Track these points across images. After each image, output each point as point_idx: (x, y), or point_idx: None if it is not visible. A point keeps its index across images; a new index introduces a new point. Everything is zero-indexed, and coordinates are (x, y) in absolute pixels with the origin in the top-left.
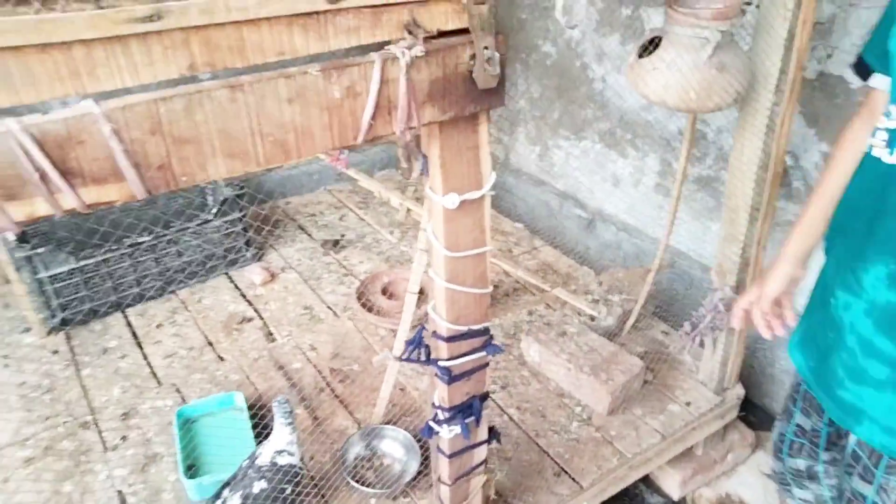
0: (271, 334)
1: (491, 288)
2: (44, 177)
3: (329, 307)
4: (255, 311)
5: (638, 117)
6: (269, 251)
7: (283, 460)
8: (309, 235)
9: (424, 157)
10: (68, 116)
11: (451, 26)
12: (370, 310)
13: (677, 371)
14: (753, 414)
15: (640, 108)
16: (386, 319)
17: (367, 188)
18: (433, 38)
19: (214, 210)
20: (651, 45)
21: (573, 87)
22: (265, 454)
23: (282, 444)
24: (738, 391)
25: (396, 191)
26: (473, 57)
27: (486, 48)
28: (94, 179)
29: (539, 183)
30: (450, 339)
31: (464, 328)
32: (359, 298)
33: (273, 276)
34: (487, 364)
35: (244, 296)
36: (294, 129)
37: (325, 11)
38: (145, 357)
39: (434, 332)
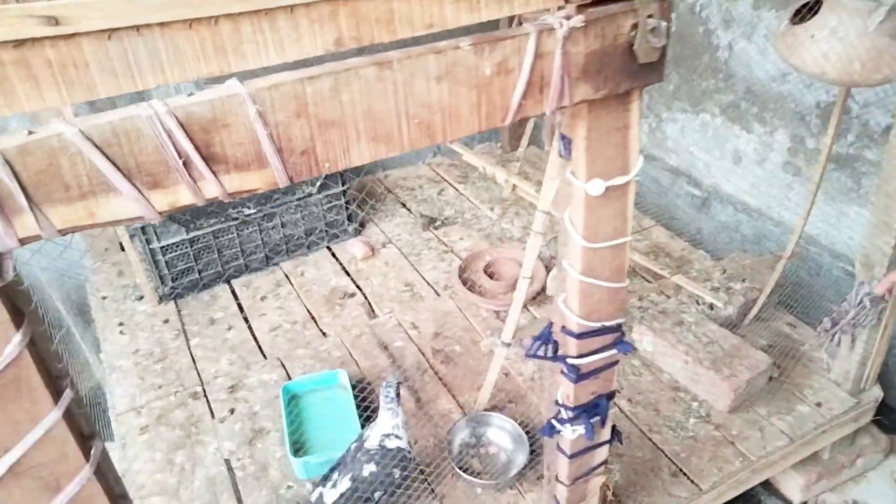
0: (373, 310)
1: (627, 282)
2: (187, 163)
3: (430, 284)
4: (357, 286)
5: (768, 89)
6: (369, 225)
7: (391, 444)
8: (408, 210)
9: (565, 137)
10: (214, 98)
11: None
12: (472, 289)
13: (806, 368)
14: (887, 416)
15: (771, 79)
16: (489, 300)
17: (466, 162)
18: (589, 5)
19: (318, 183)
20: (806, 10)
21: (694, 55)
22: (373, 437)
23: (388, 427)
24: (876, 393)
25: (499, 166)
26: (635, 27)
27: (650, 16)
28: (237, 166)
29: (649, 158)
30: (580, 336)
31: (596, 324)
32: (460, 277)
33: (374, 251)
34: (617, 362)
35: (345, 270)
36: (441, 110)
37: None
38: (251, 329)
39: (563, 328)
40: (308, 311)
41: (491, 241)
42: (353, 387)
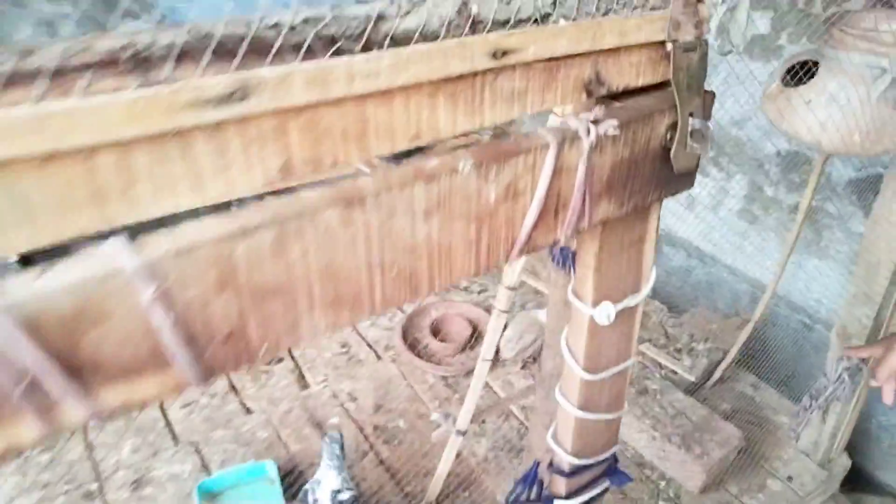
0: (304, 379)
1: (626, 407)
2: (35, 383)
3: (369, 345)
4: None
5: (726, 133)
6: None
7: (345, 496)
8: None
9: (565, 249)
10: (84, 279)
11: (641, 82)
12: (417, 352)
13: (772, 436)
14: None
15: (729, 124)
16: (436, 366)
17: None
18: (617, 97)
19: None
20: (799, 71)
21: None
22: (323, 498)
23: (337, 483)
24: (845, 462)
25: None
26: (673, 128)
27: (691, 115)
28: (122, 371)
29: None
30: (572, 474)
31: (590, 460)
32: (404, 336)
33: None
34: (607, 490)
35: None
36: (428, 254)
37: (485, 71)
38: (160, 404)
39: (551, 464)
40: (229, 379)
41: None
42: (283, 478)
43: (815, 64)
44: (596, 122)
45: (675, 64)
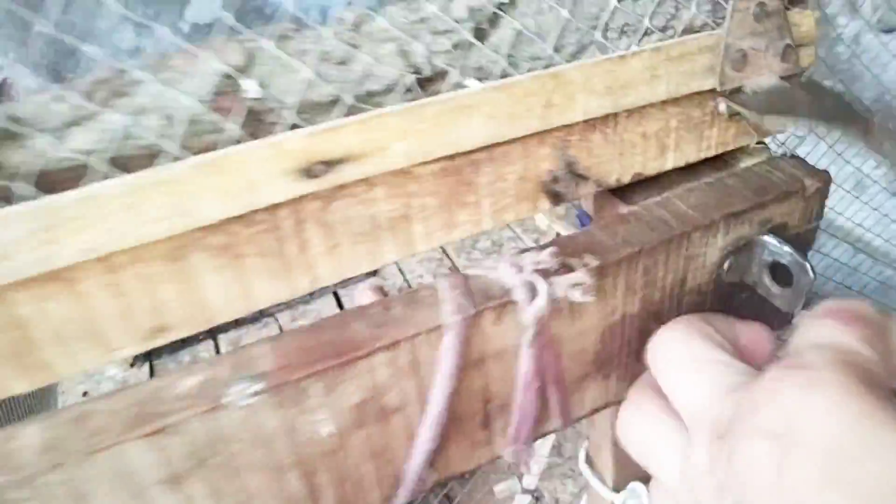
0: None
1: None
2: None
3: None
4: None
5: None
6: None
7: None
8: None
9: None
10: None
11: (671, 164)
12: None
13: None
14: None
15: None
16: None
17: None
18: (619, 192)
19: None
20: None
21: None
22: None
23: None
24: None
25: None
26: (737, 253)
27: (770, 232)
28: None
29: None
30: None
31: None
32: None
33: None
34: None
35: None
36: None
37: (299, 199)
38: None
39: None
40: None
41: None
42: None
43: None
44: (550, 273)
45: (758, 127)
